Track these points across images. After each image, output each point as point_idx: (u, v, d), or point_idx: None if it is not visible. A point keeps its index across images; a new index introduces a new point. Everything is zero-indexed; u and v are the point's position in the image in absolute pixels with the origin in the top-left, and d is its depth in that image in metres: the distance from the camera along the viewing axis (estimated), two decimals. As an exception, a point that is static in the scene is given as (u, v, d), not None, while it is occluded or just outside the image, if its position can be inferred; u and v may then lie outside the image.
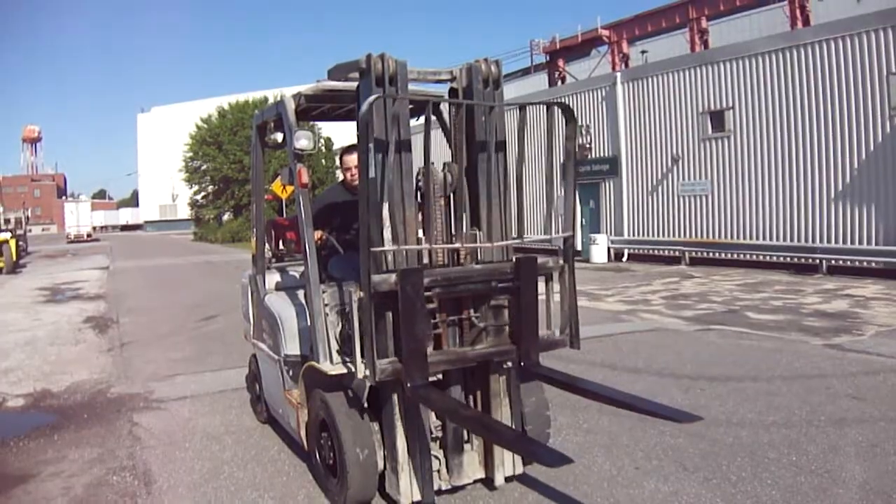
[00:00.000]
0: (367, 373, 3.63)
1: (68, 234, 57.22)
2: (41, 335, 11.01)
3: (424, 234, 3.94)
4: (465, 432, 4.17)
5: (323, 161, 40.69)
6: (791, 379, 6.78)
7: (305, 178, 4.28)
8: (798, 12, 26.86)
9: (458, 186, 4.02)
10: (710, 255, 18.55)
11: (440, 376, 4.04)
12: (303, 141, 4.26)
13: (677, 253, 19.14)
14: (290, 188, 33.71)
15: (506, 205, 4.11)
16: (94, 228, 63.94)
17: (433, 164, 3.93)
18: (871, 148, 14.89)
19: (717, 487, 4.26)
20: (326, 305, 4.12)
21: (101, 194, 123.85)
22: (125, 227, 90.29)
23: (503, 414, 4.22)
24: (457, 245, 4.01)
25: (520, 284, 3.97)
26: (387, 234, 3.73)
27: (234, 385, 7.09)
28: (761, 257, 17.26)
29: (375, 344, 3.61)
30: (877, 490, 4.12)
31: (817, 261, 15.73)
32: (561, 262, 4.18)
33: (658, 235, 20.13)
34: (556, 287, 4.21)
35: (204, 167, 49.10)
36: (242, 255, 30.82)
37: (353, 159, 4.96)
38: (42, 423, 6.23)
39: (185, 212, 63.55)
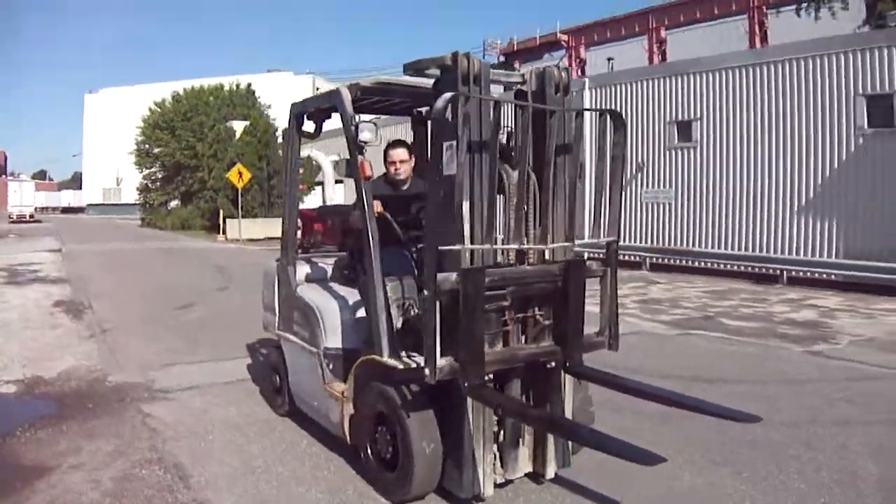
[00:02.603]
0: (427, 371, 3.67)
1: (10, 213, 55.14)
2: (13, 318, 10.63)
3: (498, 233, 4.00)
4: (521, 427, 4.24)
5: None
6: (784, 383, 7.05)
7: (368, 171, 4.32)
8: (757, 28, 27.81)
9: (522, 188, 4.09)
10: (670, 261, 18.98)
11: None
12: (366, 133, 4.32)
13: (638, 258, 19.55)
14: (246, 177, 33.34)
15: (569, 206, 4.19)
16: (36, 209, 61.70)
17: (504, 164, 4.03)
18: (836, 165, 15.49)
19: (749, 480, 4.48)
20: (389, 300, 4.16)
21: (41, 175, 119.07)
22: (66, 210, 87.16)
23: (559, 410, 4.32)
24: (531, 246, 4.12)
25: (568, 287, 4.07)
26: (466, 231, 3.77)
27: (238, 376, 7.05)
28: (722, 266, 17.73)
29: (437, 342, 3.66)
30: (893, 484, 4.45)
31: (777, 271, 16.23)
32: (604, 266, 4.30)
33: (620, 240, 20.42)
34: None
35: (156, 151, 47.88)
36: (195, 243, 30.34)
37: (398, 153, 5.01)
38: (43, 412, 6.02)
39: (129, 196, 61.83)
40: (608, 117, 4.13)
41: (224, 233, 32.90)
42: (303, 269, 5.58)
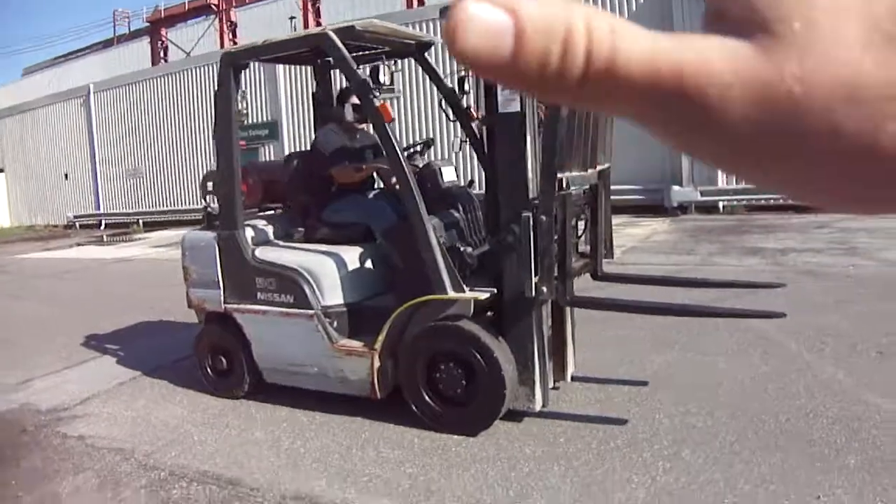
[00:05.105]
0: (556, 291, 4.02)
1: None
2: None
3: None
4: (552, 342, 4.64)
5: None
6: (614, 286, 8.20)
7: (392, 113, 4.44)
8: (310, 5, 29.24)
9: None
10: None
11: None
12: (385, 76, 4.42)
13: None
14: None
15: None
16: None
17: None
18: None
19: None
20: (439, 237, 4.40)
21: None
22: None
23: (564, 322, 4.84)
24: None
25: (598, 206, 4.71)
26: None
27: (125, 375, 6.26)
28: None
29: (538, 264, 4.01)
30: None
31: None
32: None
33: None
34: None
35: None
36: None
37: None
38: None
39: None
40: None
41: None
42: (248, 234, 5.31)
